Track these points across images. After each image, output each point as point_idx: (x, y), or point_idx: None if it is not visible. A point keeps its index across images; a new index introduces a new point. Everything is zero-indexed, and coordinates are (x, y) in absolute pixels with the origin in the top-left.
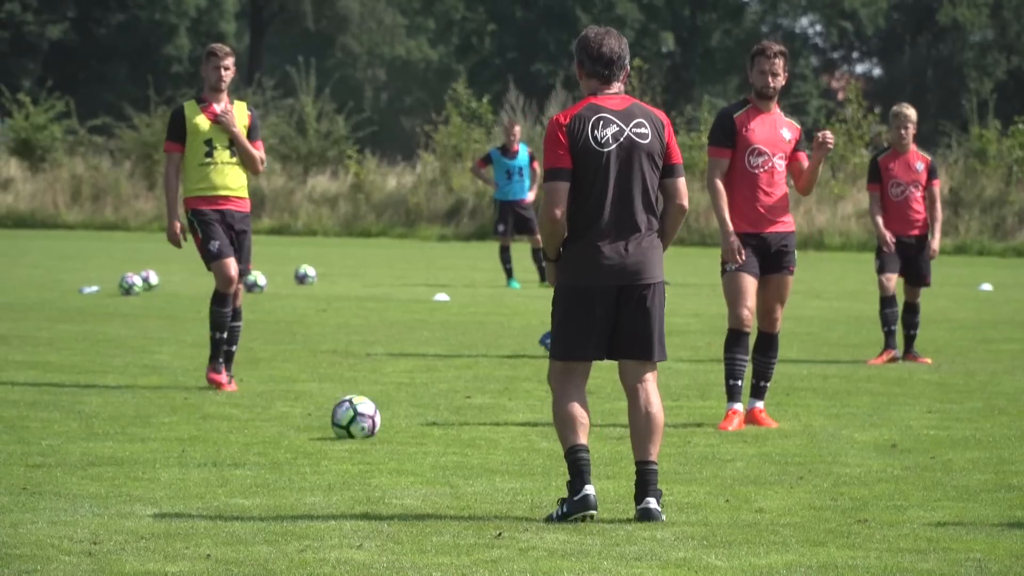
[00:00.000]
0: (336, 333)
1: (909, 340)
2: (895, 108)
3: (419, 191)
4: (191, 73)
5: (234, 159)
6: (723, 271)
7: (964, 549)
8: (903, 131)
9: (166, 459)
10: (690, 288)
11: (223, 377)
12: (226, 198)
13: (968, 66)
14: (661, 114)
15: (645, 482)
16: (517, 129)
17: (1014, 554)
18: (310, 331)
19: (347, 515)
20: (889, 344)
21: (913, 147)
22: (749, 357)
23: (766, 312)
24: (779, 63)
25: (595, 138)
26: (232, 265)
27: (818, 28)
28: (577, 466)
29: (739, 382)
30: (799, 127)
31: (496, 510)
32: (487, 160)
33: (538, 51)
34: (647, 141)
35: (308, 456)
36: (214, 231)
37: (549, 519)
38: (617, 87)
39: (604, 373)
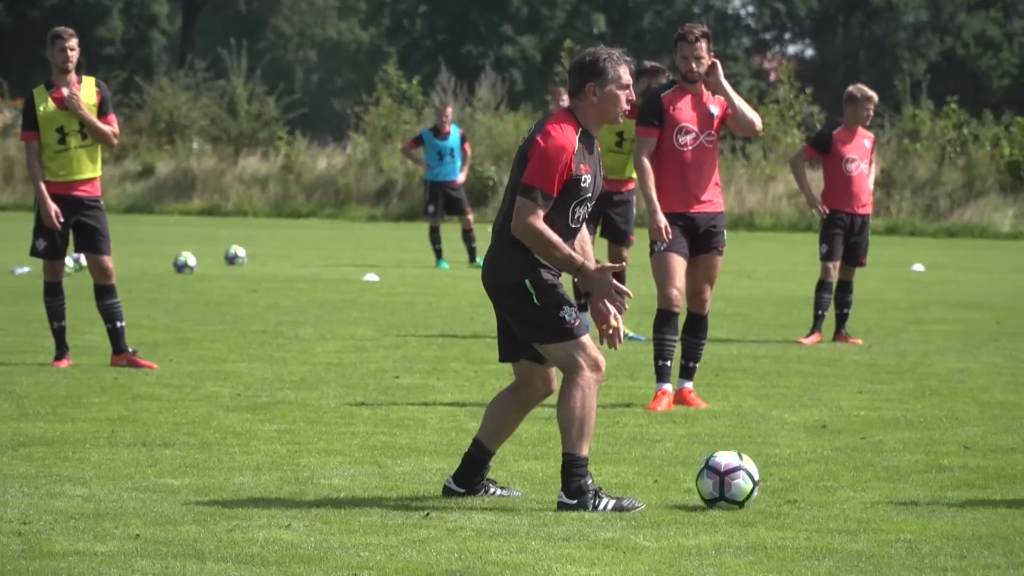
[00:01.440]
0: (266, 313)
1: (841, 320)
2: (859, 89)
3: (349, 172)
4: (124, 56)
5: (87, 141)
6: (652, 251)
7: (895, 530)
8: (868, 112)
9: (96, 439)
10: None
11: (64, 363)
12: (77, 184)
13: (901, 47)
14: (543, 131)
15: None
16: (449, 110)
17: (945, 535)
18: (240, 311)
19: (275, 495)
20: (818, 327)
21: (860, 127)
22: (678, 337)
23: (695, 292)
24: (702, 46)
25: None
26: (56, 266)
27: (750, 9)
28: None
29: (668, 362)
30: (726, 104)
31: (424, 490)
32: (418, 141)
33: (469, 33)
34: (520, 148)
35: (237, 436)
36: (45, 231)
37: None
38: (565, 100)
39: None
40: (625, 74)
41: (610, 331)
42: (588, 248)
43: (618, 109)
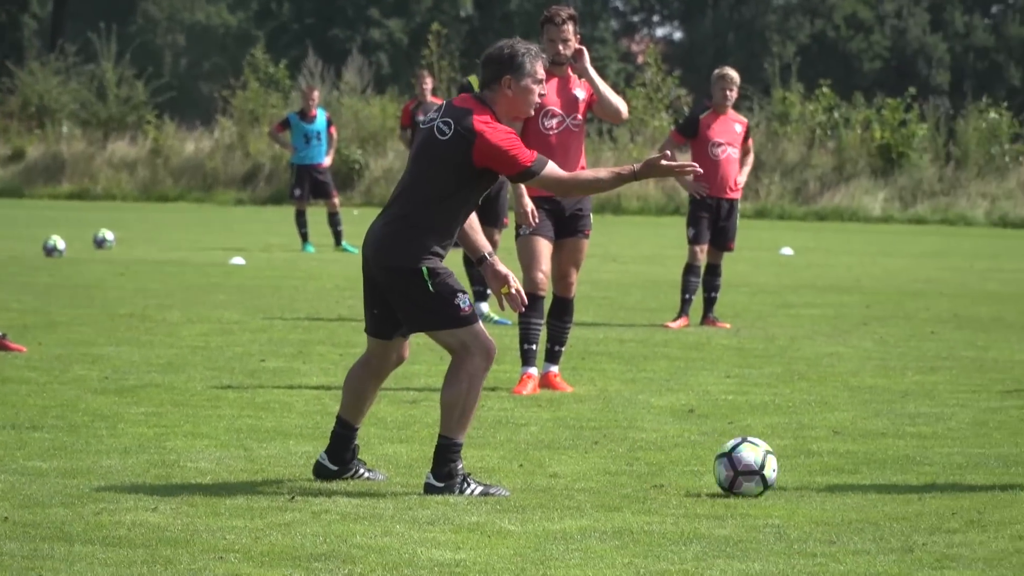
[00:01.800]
0: (134, 297)
1: (709, 303)
2: (720, 70)
3: (216, 156)
4: None
5: None
6: (517, 235)
7: (763, 515)
8: (729, 92)
9: None
10: None
11: None
12: None
13: (771, 29)
14: (482, 125)
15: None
16: (315, 94)
17: (814, 520)
18: (108, 295)
19: (143, 478)
20: (685, 311)
21: (730, 109)
22: (544, 321)
23: (561, 276)
24: (568, 28)
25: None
26: None
27: None
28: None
29: (534, 346)
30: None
31: (289, 473)
32: (285, 124)
33: (336, 16)
34: (444, 138)
35: (105, 419)
36: None
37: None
38: (490, 90)
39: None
40: (540, 70)
41: (512, 290)
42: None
43: (530, 104)
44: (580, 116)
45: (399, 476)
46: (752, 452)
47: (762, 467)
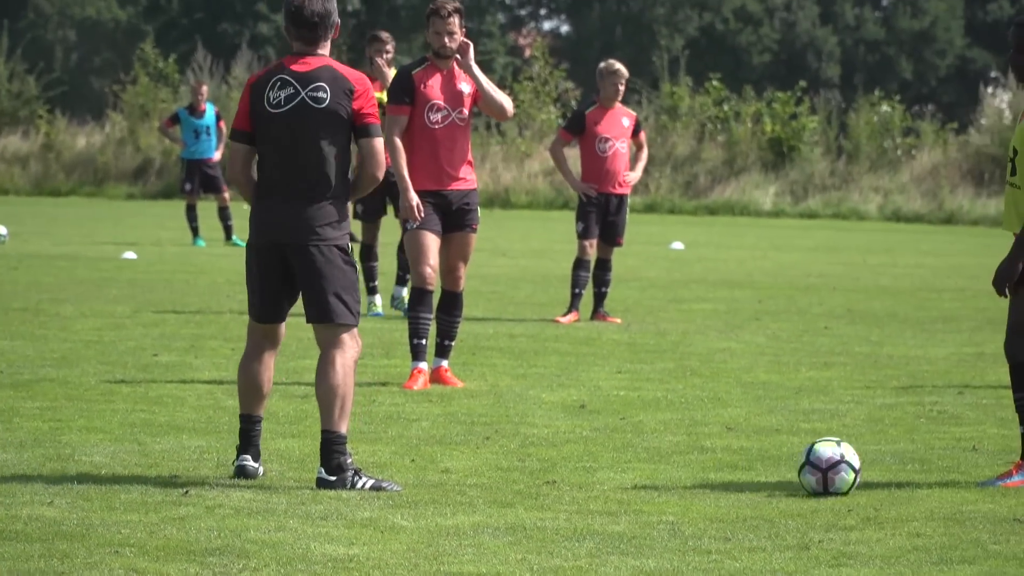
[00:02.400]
0: (27, 291)
1: (599, 298)
2: (608, 64)
3: (108, 150)
4: None
5: None
6: (404, 230)
7: (656, 511)
8: (619, 86)
9: None
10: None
11: None
12: None
13: (659, 23)
14: (355, 77)
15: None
16: (204, 89)
17: (707, 516)
18: (1, 289)
19: (38, 472)
20: (575, 306)
21: (618, 103)
22: (433, 315)
23: (449, 270)
24: (454, 21)
25: (268, 99)
26: None
27: None
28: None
29: (423, 341)
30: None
31: (183, 467)
32: (175, 119)
33: (225, 11)
34: (323, 105)
35: (0, 413)
36: None
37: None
38: (324, 49)
39: (288, 332)
40: None
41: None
42: None
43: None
44: (466, 111)
45: (291, 471)
46: (827, 447)
47: (843, 456)
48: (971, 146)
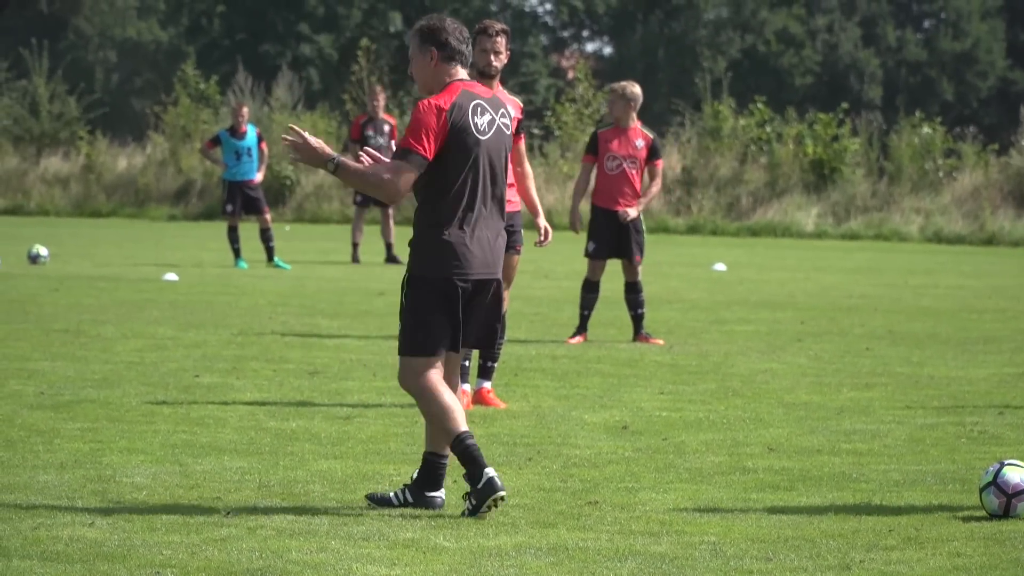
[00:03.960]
0: (68, 312)
1: (637, 321)
2: (621, 86)
3: (149, 172)
4: None
5: None
6: None
7: (698, 532)
8: (625, 107)
9: None
10: None
11: None
12: None
13: (702, 44)
14: (512, 101)
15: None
16: (245, 110)
17: (749, 537)
18: (43, 310)
19: (79, 493)
20: (583, 328)
21: (636, 124)
22: None
23: None
24: (501, 41)
25: (476, 126)
26: None
27: (548, 7)
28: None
29: (467, 362)
30: (521, 105)
31: (224, 488)
32: (216, 141)
33: (266, 32)
34: (510, 132)
35: (41, 434)
36: None
37: (464, 515)
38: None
39: (329, 353)
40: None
41: None
42: None
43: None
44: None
45: (333, 492)
46: (1017, 472)
47: None
48: (1012, 167)
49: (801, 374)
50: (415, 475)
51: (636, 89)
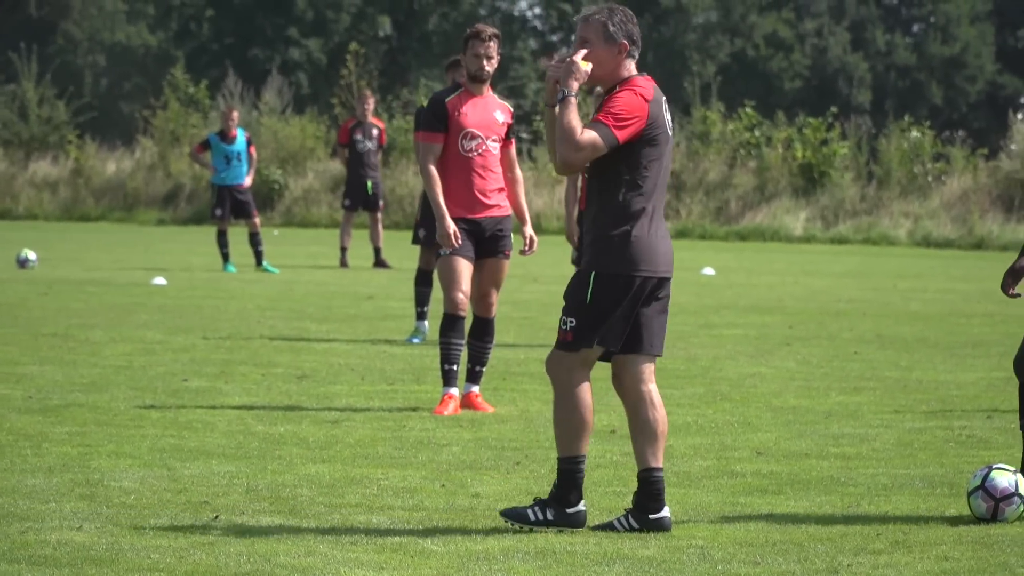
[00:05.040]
0: (56, 316)
1: None
2: (598, 91)
3: (138, 176)
4: None
5: None
6: (437, 255)
7: (686, 536)
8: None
9: None
10: (405, 272)
11: None
12: None
13: (691, 48)
14: None
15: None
16: (235, 114)
17: (737, 541)
18: (31, 314)
19: (67, 497)
20: None
21: None
22: (465, 341)
23: (481, 296)
24: (493, 46)
25: (668, 122)
26: None
27: (537, 11)
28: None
29: (455, 367)
30: (512, 110)
31: (212, 492)
32: (205, 145)
33: (255, 36)
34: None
35: (29, 438)
36: None
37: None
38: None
39: (317, 357)
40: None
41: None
42: None
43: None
44: (500, 137)
45: (322, 496)
46: (1004, 476)
47: (1017, 488)
48: (1001, 172)
49: (789, 378)
50: (634, 498)
51: None
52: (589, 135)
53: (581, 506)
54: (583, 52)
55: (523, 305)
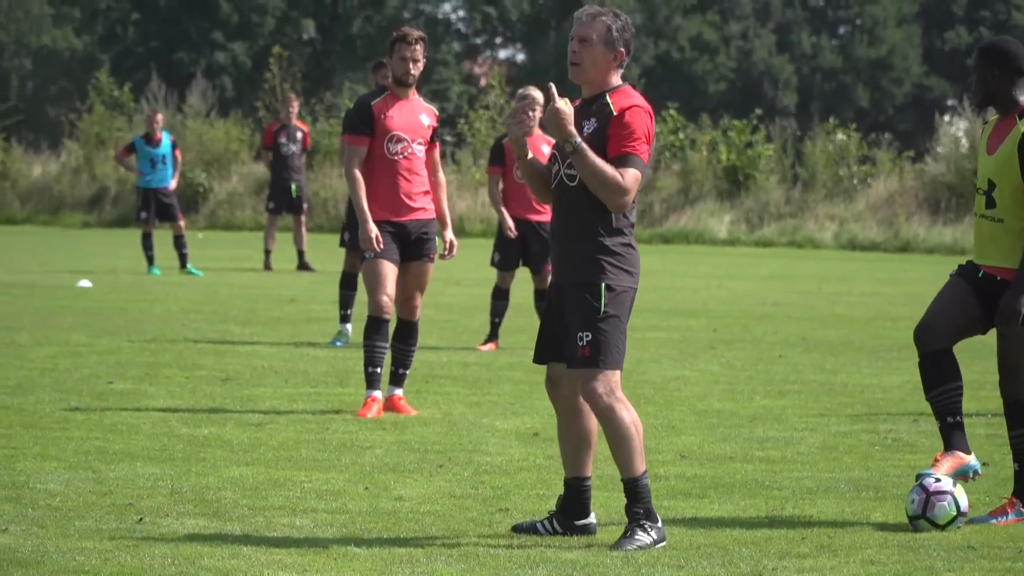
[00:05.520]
0: None
1: None
2: (523, 90)
3: (63, 179)
4: None
5: None
6: (362, 258)
7: (610, 539)
8: (532, 113)
9: None
10: (329, 275)
11: None
12: None
13: None
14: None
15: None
16: (160, 117)
17: (666, 545)
18: None
19: None
20: (494, 335)
21: (538, 130)
22: (389, 344)
23: (406, 299)
24: (419, 49)
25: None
26: None
27: (461, 14)
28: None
29: (378, 369)
30: (437, 113)
31: (137, 495)
32: (131, 148)
33: (181, 40)
34: None
35: None
36: None
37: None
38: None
39: (241, 360)
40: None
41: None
42: None
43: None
44: (425, 140)
45: (245, 498)
46: (945, 481)
47: (953, 488)
48: (927, 174)
49: (714, 381)
50: (559, 503)
51: (540, 94)
52: (631, 174)
53: (592, 519)
54: (561, 99)
55: (446, 308)
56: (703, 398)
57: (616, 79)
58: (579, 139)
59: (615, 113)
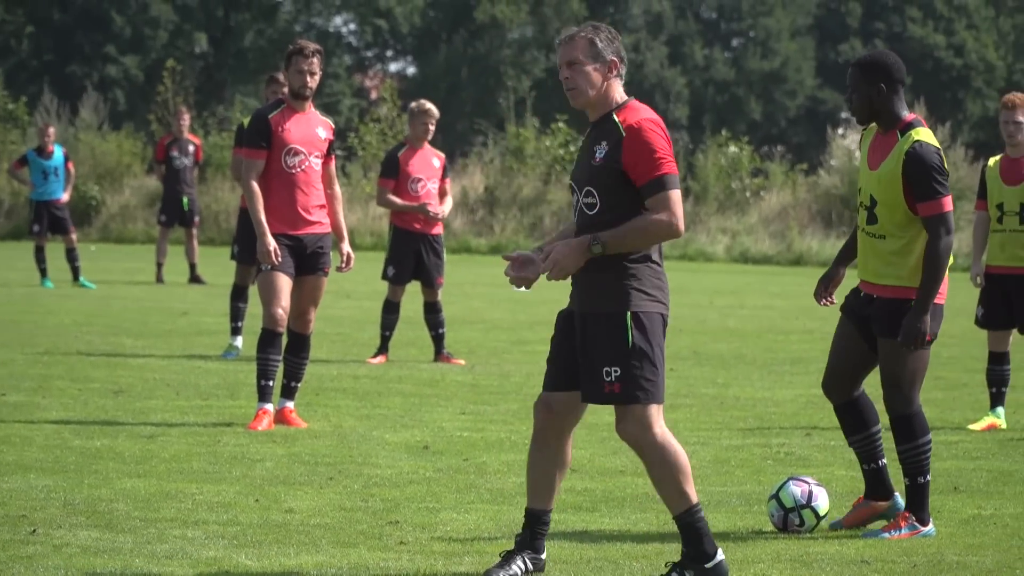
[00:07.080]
0: None
1: (438, 340)
2: (418, 104)
3: None
4: None
5: None
6: (258, 271)
7: (499, 552)
8: (429, 126)
9: None
10: (220, 288)
11: None
12: None
13: (506, 64)
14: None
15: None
16: (51, 131)
17: (551, 558)
18: None
19: None
20: (384, 348)
21: (427, 145)
22: (281, 357)
23: (300, 313)
24: (316, 62)
25: None
26: None
27: (352, 27)
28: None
29: (271, 382)
30: (333, 126)
31: (30, 506)
32: (23, 161)
33: (74, 53)
34: None
35: None
36: None
37: None
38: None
39: (133, 372)
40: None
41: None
42: None
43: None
44: (322, 153)
45: (138, 510)
46: (798, 487)
47: (810, 499)
48: (820, 187)
49: None
50: (520, 539)
51: (433, 108)
52: (672, 198)
53: (719, 556)
54: (543, 266)
55: (336, 321)
56: (593, 411)
57: (619, 93)
58: (593, 239)
59: (624, 134)
